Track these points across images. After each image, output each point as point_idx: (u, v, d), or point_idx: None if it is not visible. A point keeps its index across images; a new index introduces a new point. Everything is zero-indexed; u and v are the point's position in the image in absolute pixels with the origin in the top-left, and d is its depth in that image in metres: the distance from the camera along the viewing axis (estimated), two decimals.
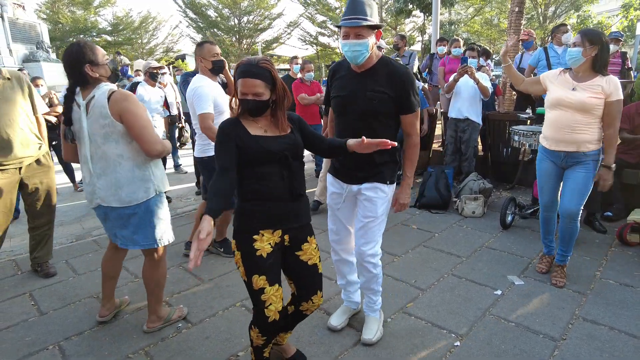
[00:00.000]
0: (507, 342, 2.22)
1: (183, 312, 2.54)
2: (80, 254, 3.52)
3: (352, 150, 1.77)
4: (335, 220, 2.28)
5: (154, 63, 4.81)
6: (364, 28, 1.86)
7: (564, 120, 2.63)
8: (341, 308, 2.46)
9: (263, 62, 1.61)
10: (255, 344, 1.80)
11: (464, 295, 2.69)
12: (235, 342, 2.28)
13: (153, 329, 2.39)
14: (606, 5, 20.72)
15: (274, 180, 1.67)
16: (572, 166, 2.71)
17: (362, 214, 2.12)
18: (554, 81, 2.74)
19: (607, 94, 2.52)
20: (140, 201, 2.12)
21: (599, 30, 2.66)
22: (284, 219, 1.71)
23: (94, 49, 2.05)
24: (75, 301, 2.75)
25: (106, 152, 2.07)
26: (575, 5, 17.62)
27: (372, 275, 2.19)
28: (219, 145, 1.66)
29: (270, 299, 1.66)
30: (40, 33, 13.61)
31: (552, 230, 2.99)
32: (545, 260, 3.02)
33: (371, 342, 2.22)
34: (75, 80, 2.04)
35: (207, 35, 23.74)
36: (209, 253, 3.44)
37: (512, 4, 7.28)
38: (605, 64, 2.58)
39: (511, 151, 4.93)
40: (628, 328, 2.30)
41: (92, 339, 2.34)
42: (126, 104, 2.01)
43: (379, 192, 2.07)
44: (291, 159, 1.69)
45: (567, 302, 2.58)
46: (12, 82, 2.83)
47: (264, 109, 1.65)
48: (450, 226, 3.95)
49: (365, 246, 2.13)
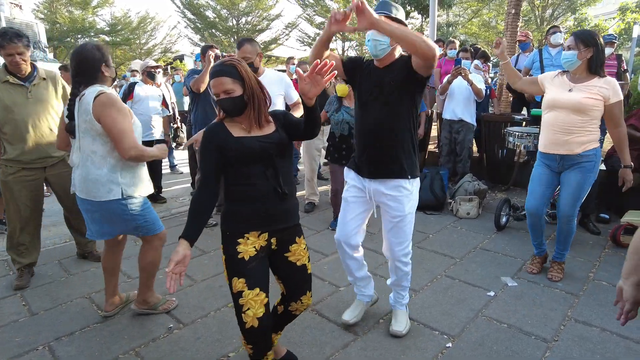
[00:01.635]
0: (499, 343, 2.21)
1: (170, 306, 2.60)
2: (72, 254, 3.49)
3: (305, 94, 1.60)
4: (346, 214, 2.24)
5: (151, 62, 4.80)
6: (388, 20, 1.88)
7: (559, 121, 2.62)
8: (355, 303, 2.46)
9: (229, 60, 1.64)
10: (247, 352, 1.74)
11: (457, 297, 2.69)
12: (226, 342, 2.27)
13: (136, 310, 2.53)
14: (603, 8, 20.83)
15: (258, 180, 1.65)
16: (569, 169, 2.69)
17: (390, 214, 2.12)
18: (551, 82, 2.73)
19: (606, 97, 2.51)
20: (101, 199, 2.17)
21: (593, 31, 2.65)
22: (270, 220, 1.69)
23: (107, 50, 2.23)
24: (67, 301, 2.73)
25: (82, 146, 2.18)
26: (572, 8, 17.69)
27: (404, 273, 2.24)
28: (202, 151, 1.67)
29: (249, 304, 1.59)
30: (37, 33, 13.53)
31: (541, 234, 2.96)
32: (536, 261, 3.02)
33: (401, 334, 2.26)
34: (85, 78, 2.15)
35: (205, 36, 23.74)
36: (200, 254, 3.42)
37: (508, 6, 7.30)
38: (601, 65, 2.57)
39: (506, 152, 4.93)
40: (620, 329, 2.29)
41: (83, 339, 2.33)
42: (107, 110, 2.08)
43: (403, 190, 2.08)
44: (275, 158, 1.67)
45: (559, 304, 2.58)
46: (47, 82, 2.91)
47: (240, 106, 1.63)
48: (445, 227, 3.94)
49: (398, 246, 2.16)
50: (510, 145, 4.17)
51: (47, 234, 3.98)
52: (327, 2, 22.74)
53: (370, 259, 2.89)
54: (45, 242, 3.76)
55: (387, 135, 2.04)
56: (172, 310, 2.59)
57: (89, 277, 3.09)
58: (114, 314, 2.55)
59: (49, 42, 17.20)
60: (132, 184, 2.25)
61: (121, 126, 2.09)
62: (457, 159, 4.91)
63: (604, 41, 5.01)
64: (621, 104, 2.54)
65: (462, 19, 18.96)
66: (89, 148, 2.16)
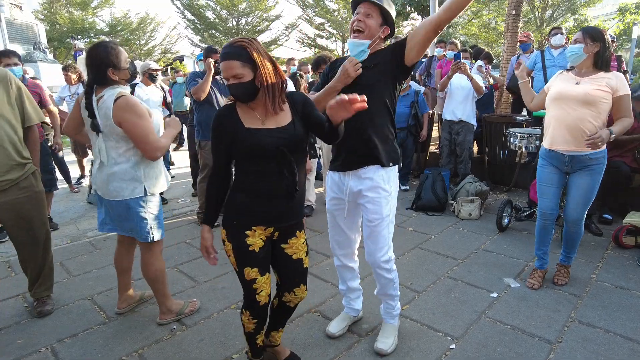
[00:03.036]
0: (503, 344, 2.21)
1: (195, 306, 2.60)
2: (75, 256, 3.50)
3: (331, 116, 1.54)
4: (334, 226, 2.21)
5: (153, 65, 4.79)
6: (375, 10, 1.86)
7: (569, 117, 2.52)
8: (341, 315, 2.41)
9: (239, 40, 1.50)
10: (247, 329, 1.80)
11: (460, 298, 2.69)
12: (229, 344, 2.27)
13: (164, 321, 2.46)
14: (603, 9, 20.86)
15: (269, 177, 1.60)
16: (578, 171, 2.60)
17: (367, 217, 2.03)
18: (555, 79, 2.70)
19: (614, 89, 2.45)
20: (125, 198, 2.19)
21: (600, 28, 2.64)
22: (279, 217, 1.68)
23: (118, 53, 2.14)
24: (69, 303, 2.73)
25: (106, 148, 2.17)
26: (572, 9, 17.72)
27: (388, 281, 2.12)
28: (213, 140, 1.66)
29: (262, 287, 1.71)
30: (37, 33, 13.55)
31: (548, 241, 2.83)
32: (538, 275, 2.84)
33: (385, 354, 2.12)
34: (95, 78, 2.14)
35: (205, 37, 23.74)
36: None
37: (509, 7, 7.30)
38: (607, 62, 2.53)
39: (508, 153, 4.93)
40: (623, 331, 2.29)
41: (85, 341, 2.32)
42: (127, 115, 2.07)
43: (381, 191, 1.98)
44: (290, 155, 1.58)
45: (562, 305, 2.57)
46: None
47: (250, 92, 1.53)
48: (447, 228, 3.94)
49: (377, 252, 2.05)
50: (512, 147, 4.16)
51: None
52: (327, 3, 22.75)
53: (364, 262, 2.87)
54: None
55: (366, 120, 1.92)
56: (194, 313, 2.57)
57: (91, 278, 3.08)
58: (126, 311, 2.58)
59: (49, 42, 17.21)
60: (154, 180, 2.29)
61: (142, 131, 2.08)
62: (457, 160, 4.91)
63: None
64: (629, 97, 2.48)
65: (462, 19, 18.98)
66: (113, 151, 2.17)
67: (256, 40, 1.56)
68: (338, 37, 23.88)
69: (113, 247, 3.56)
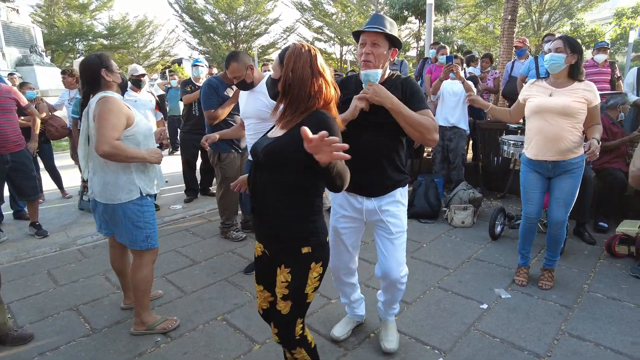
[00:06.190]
0: (491, 358, 2.18)
1: (169, 326, 2.48)
2: (63, 264, 3.46)
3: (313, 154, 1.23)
4: (338, 245, 2.16)
5: (139, 69, 4.63)
6: (381, 37, 1.84)
7: (551, 129, 2.61)
8: (345, 319, 2.44)
9: (290, 47, 1.53)
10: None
11: (450, 309, 2.66)
12: (213, 357, 2.23)
13: (137, 332, 2.43)
14: (599, 14, 20.91)
15: (252, 186, 1.58)
16: (559, 175, 2.71)
17: (389, 231, 2.02)
18: (530, 90, 2.77)
19: (589, 100, 2.56)
20: (121, 202, 2.21)
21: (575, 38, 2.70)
22: (259, 235, 1.64)
23: (109, 58, 2.29)
24: (54, 314, 2.69)
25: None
26: (569, 14, 17.76)
27: (401, 292, 2.18)
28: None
29: (257, 294, 1.75)
30: (34, 37, 13.53)
31: (531, 241, 2.96)
32: (524, 272, 2.99)
33: (395, 351, 2.22)
34: (90, 85, 2.21)
35: (203, 40, 23.75)
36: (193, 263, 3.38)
37: (504, 13, 7.31)
38: (582, 72, 2.63)
39: (502, 160, 4.91)
40: (614, 344, 2.26)
41: (68, 354, 2.28)
42: (99, 107, 2.10)
43: (400, 205, 2.05)
44: (265, 165, 1.47)
45: (553, 317, 2.54)
46: None
47: (272, 91, 1.57)
48: (439, 236, 3.91)
49: (397, 268, 2.03)
50: (505, 154, 4.14)
51: (37, 243, 3.93)
52: (325, 7, 22.80)
53: (362, 269, 2.85)
54: (35, 252, 3.72)
55: (382, 155, 1.98)
56: (171, 330, 2.47)
57: (78, 288, 3.04)
58: (132, 307, 2.61)
59: (46, 45, 17.20)
60: (148, 181, 2.31)
61: (103, 122, 2.06)
62: (450, 167, 4.88)
63: (596, 47, 5.07)
64: (599, 105, 2.64)
65: (460, 23, 19.01)
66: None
67: (316, 51, 1.52)
68: (336, 40, 23.91)
69: (102, 256, 3.53)
